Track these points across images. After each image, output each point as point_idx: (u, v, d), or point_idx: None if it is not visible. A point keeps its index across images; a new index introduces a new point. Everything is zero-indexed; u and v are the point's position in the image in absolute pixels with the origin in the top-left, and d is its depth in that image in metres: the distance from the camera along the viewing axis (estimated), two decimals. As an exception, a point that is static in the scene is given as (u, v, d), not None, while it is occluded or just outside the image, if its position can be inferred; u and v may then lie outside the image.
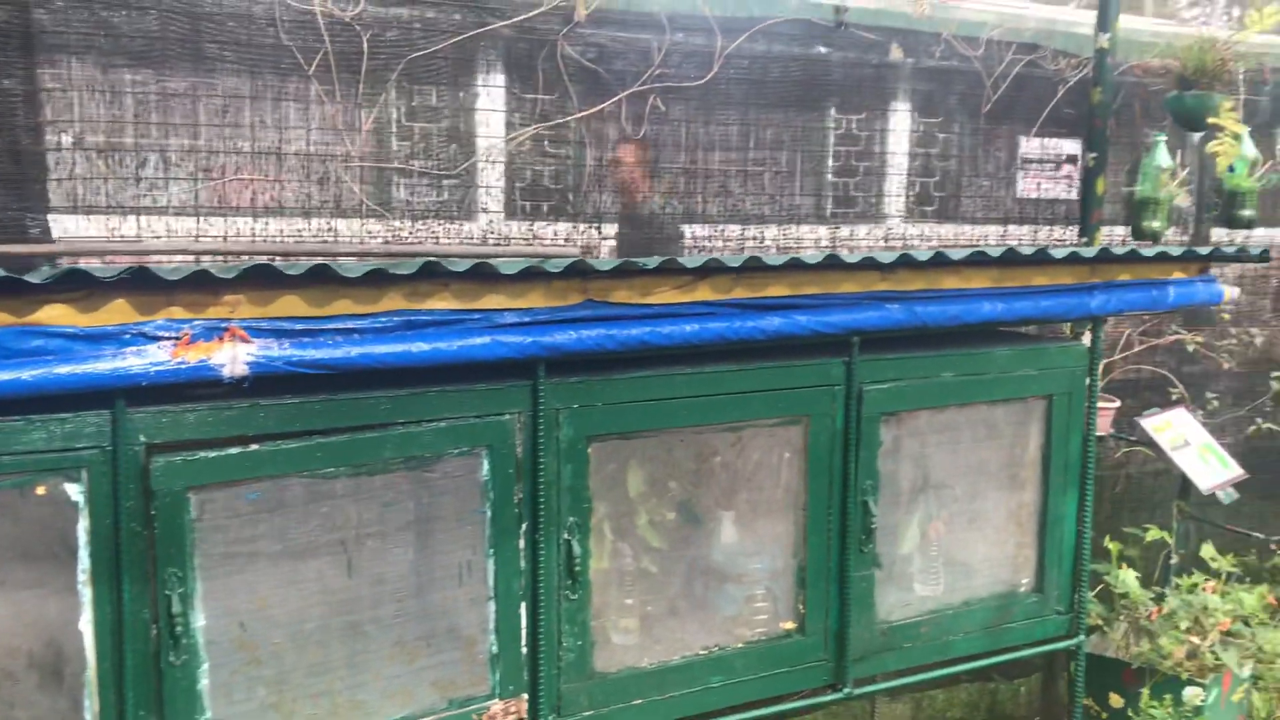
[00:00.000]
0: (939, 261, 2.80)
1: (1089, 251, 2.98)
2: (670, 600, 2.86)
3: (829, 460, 2.89)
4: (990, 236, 4.30)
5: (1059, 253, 2.92)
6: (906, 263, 2.78)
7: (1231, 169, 4.48)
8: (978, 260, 2.85)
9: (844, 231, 4.05)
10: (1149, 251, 3.07)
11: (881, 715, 4.11)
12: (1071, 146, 4.43)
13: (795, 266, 2.62)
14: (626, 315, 2.50)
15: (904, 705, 4.26)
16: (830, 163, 3.96)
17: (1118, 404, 4.19)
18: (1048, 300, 3.05)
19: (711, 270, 2.56)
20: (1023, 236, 4.39)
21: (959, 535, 3.23)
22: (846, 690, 2.97)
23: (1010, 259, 2.89)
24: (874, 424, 2.92)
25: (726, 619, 2.90)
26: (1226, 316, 4.50)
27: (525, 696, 2.57)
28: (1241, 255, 3.19)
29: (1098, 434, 4.13)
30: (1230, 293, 3.33)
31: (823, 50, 3.82)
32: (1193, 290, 3.26)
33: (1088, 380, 3.25)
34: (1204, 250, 3.14)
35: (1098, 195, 4.29)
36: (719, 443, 2.84)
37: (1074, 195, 4.40)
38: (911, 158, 4.18)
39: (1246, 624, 3.62)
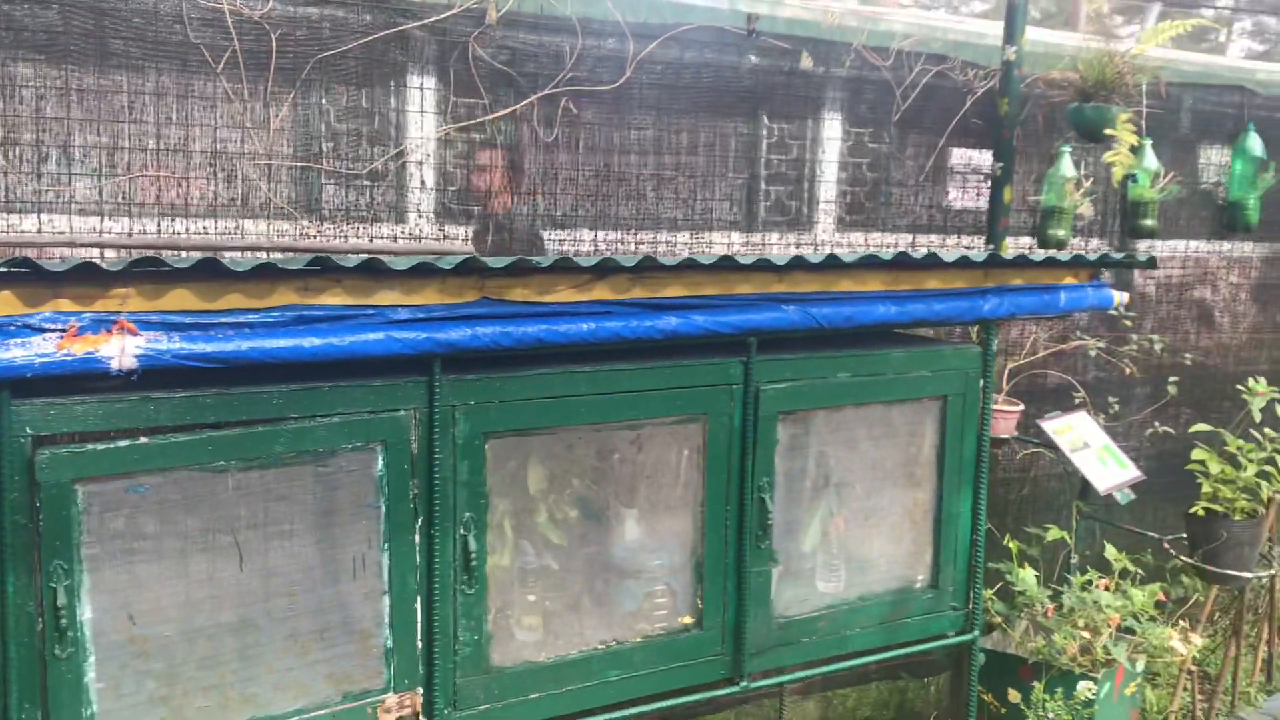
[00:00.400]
0: (832, 264, 2.88)
1: (978, 255, 3.07)
2: (570, 596, 2.90)
3: (727, 458, 2.95)
4: (918, 244, 4.41)
5: (949, 256, 3.01)
6: (801, 265, 2.85)
7: (1134, 179, 4.64)
8: (870, 263, 2.94)
9: (761, 238, 4.13)
10: (1037, 256, 3.18)
11: (791, 715, 4.18)
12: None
13: (690, 267, 2.68)
14: (523, 313, 2.55)
15: (813, 705, 4.34)
16: (733, 169, 4.03)
17: (1022, 408, 4.30)
18: (941, 303, 3.14)
19: (609, 270, 2.61)
20: (935, 243, 4.50)
21: (858, 532, 3.31)
22: (744, 684, 3.03)
23: (902, 262, 2.97)
24: (771, 423, 2.99)
25: (626, 614, 2.95)
26: (1129, 324, 4.64)
27: (420, 690, 2.60)
28: (1128, 260, 3.31)
29: (1002, 436, 4.26)
30: (1119, 298, 3.45)
31: (734, 58, 3.89)
32: (1083, 295, 3.37)
33: (981, 382, 3.34)
34: (1092, 256, 3.25)
35: (1004, 204, 4.41)
36: (618, 440, 2.89)
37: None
38: (828, 165, 4.27)
39: (1138, 620, 3.74)
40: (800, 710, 4.26)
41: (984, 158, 4.51)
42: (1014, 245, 4.57)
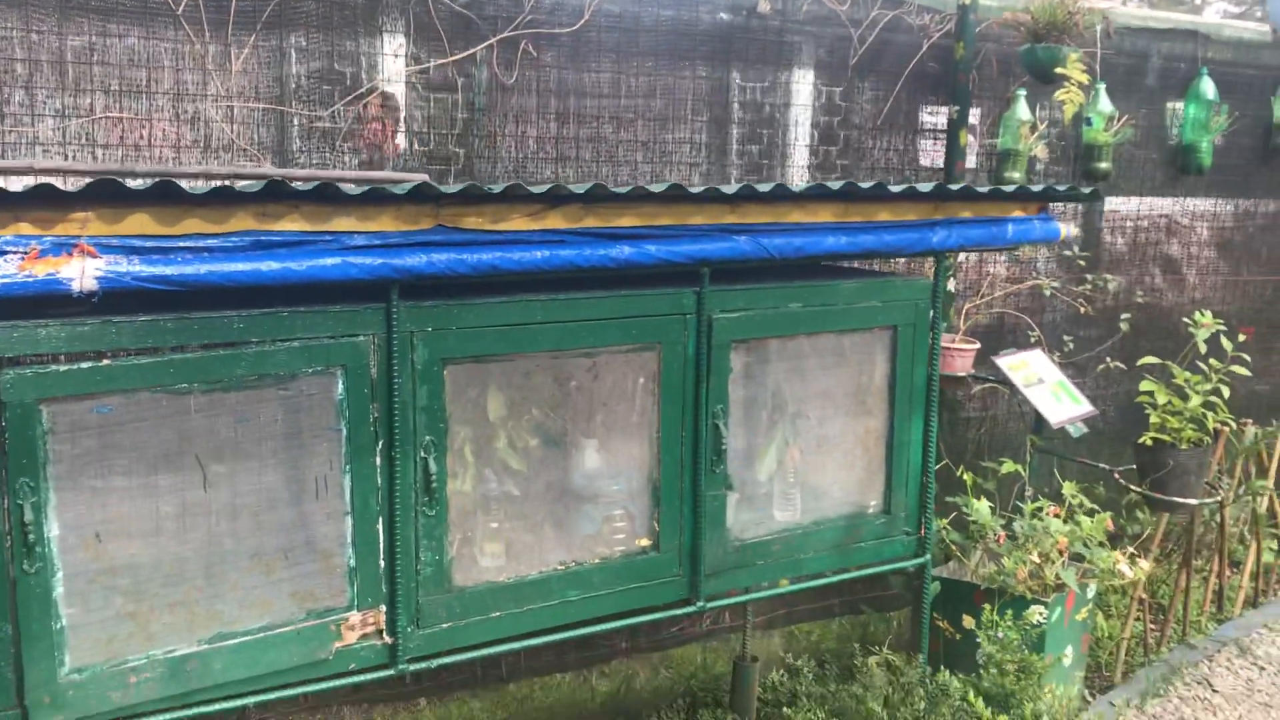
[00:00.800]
0: (782, 195, 2.95)
1: (925, 186, 3.15)
2: (531, 520, 2.98)
3: (681, 386, 3.03)
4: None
5: (896, 188, 3.09)
6: (751, 195, 2.92)
7: (1089, 123, 4.73)
8: (820, 194, 3.01)
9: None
10: (983, 188, 3.26)
11: (756, 648, 4.28)
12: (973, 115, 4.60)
13: (642, 197, 2.75)
14: (477, 241, 2.61)
15: (777, 638, 4.45)
16: (693, 114, 4.09)
17: (978, 346, 4.40)
18: (892, 235, 3.22)
19: (561, 199, 2.68)
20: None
21: (812, 460, 3.40)
22: (700, 604, 3.13)
23: (850, 193, 3.05)
24: (724, 352, 3.07)
25: (585, 537, 3.04)
26: (1082, 264, 4.74)
27: (383, 608, 2.68)
28: (1072, 194, 3.39)
29: (959, 374, 4.36)
30: (1066, 230, 3.53)
31: (687, 6, 3.94)
32: (1030, 228, 3.46)
33: (931, 313, 3.43)
34: (1037, 188, 3.33)
35: (960, 147, 4.50)
36: (576, 369, 2.97)
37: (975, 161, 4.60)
38: (793, 112, 4.34)
39: (1088, 547, 3.85)
40: (764, 644, 4.37)
41: (971, 117, 4.58)
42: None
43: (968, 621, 3.83)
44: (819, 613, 4.55)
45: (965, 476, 4.08)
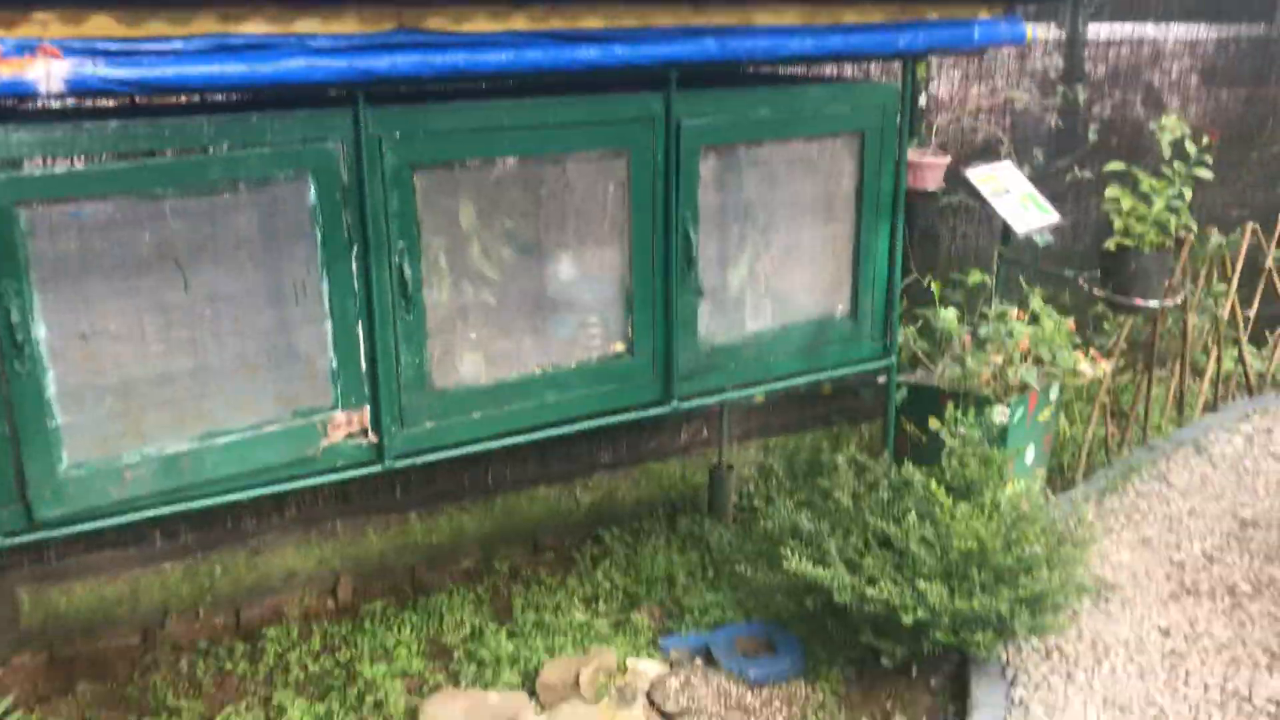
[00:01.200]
0: (745, -7, 2.94)
1: (891, -16, 3.14)
2: (507, 327, 3.06)
3: (651, 192, 3.08)
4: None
5: (860, -14, 3.08)
6: (715, -5, 2.91)
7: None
8: (780, -7, 3.00)
9: None
10: (949, -13, 3.25)
11: (733, 460, 4.45)
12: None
13: (602, -6, 2.74)
14: (441, 42, 2.61)
15: (754, 450, 4.62)
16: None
17: (949, 159, 4.43)
18: (858, 36, 3.22)
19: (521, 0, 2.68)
20: None
21: (782, 267, 3.48)
22: (674, 404, 3.25)
23: (815, -8, 3.04)
24: (693, 157, 3.11)
25: (562, 342, 3.13)
26: (1051, 76, 4.74)
27: (367, 408, 2.79)
28: (1039, -7, 3.39)
29: (930, 189, 4.41)
30: (1032, 32, 3.54)
31: None
32: (996, 29, 3.46)
33: (899, 118, 3.46)
34: (1004, -13, 3.33)
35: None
36: (545, 175, 3.00)
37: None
38: None
39: (1050, 350, 3.97)
40: (741, 456, 4.53)
41: None
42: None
43: (934, 424, 3.97)
44: (792, 425, 4.70)
45: (934, 286, 4.17)
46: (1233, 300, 4.99)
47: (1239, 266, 5.00)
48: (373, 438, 2.81)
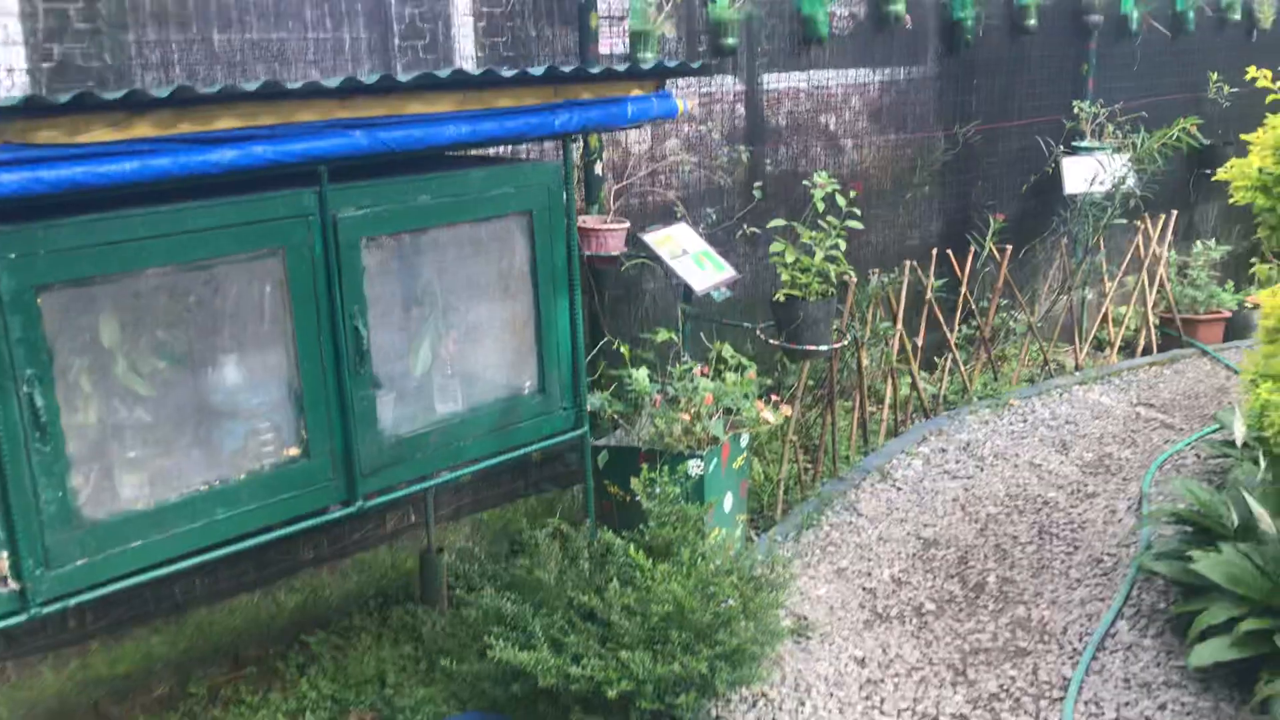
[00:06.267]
0: (389, 86, 2.92)
1: (538, 70, 3.20)
2: (167, 443, 2.88)
3: (313, 289, 2.98)
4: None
5: (508, 72, 3.12)
6: (358, 88, 2.87)
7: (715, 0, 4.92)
8: (431, 83, 3.00)
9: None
10: (595, 69, 3.35)
11: (445, 539, 4.37)
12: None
13: (233, 96, 2.65)
14: (54, 156, 2.44)
15: (466, 526, 4.55)
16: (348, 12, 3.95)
17: (628, 225, 4.56)
18: (513, 120, 3.26)
19: (144, 104, 2.54)
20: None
21: (466, 349, 3.46)
22: (359, 504, 3.15)
23: (461, 81, 3.06)
24: (354, 250, 3.04)
25: (230, 453, 2.97)
26: (717, 136, 4.98)
27: (4, 553, 2.54)
28: (681, 69, 3.55)
29: (612, 253, 4.52)
30: (684, 106, 3.70)
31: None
32: (649, 105, 3.59)
33: (564, 194, 3.53)
34: (647, 66, 3.46)
35: (591, 29, 4.58)
36: (194, 283, 2.86)
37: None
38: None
39: (741, 400, 4.14)
40: (453, 534, 4.46)
41: (624, 3, 4.64)
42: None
43: (635, 484, 4.05)
44: (503, 496, 4.67)
45: (624, 349, 4.26)
46: (900, 333, 5.38)
47: (902, 302, 5.40)
48: (14, 585, 2.56)
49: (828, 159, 5.70)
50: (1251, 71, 3.78)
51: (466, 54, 4.34)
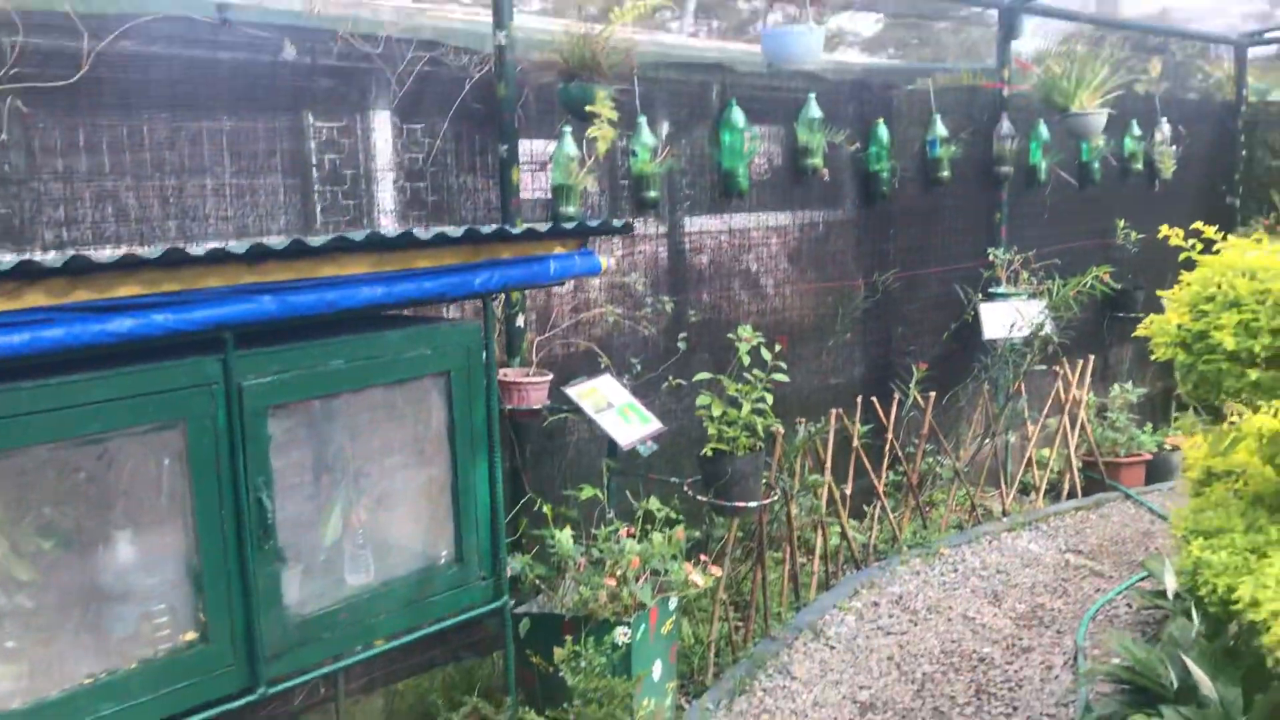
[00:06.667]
0: (301, 251, 2.83)
1: (456, 231, 3.14)
2: (49, 632, 2.66)
3: (214, 461, 2.82)
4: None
5: (426, 235, 3.05)
6: (266, 254, 2.77)
7: (635, 154, 4.95)
8: (344, 247, 2.91)
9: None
10: (516, 229, 3.30)
11: (360, 713, 4.11)
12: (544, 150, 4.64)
13: (133, 264, 2.53)
14: (-68, 330, 2.29)
15: (380, 699, 4.29)
16: (231, 164, 3.87)
17: (550, 377, 4.47)
18: (432, 281, 3.18)
19: (36, 273, 2.41)
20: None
21: (379, 518, 3.29)
22: (262, 690, 2.93)
23: (377, 243, 2.98)
24: (260, 420, 2.89)
25: (120, 640, 2.75)
26: (641, 288, 4.95)
27: None
28: (604, 228, 3.51)
29: (535, 407, 4.41)
30: (607, 263, 3.66)
31: (206, 50, 3.72)
32: (571, 263, 3.55)
33: (484, 354, 3.43)
34: (570, 225, 3.42)
35: (513, 184, 4.56)
36: (85, 458, 2.68)
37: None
38: (380, 153, 4.23)
39: (668, 561, 4.00)
40: (368, 708, 4.20)
41: (548, 147, 4.64)
42: (528, 225, 4.74)
43: (559, 654, 3.86)
44: (419, 667, 4.43)
45: (547, 509, 4.12)
46: (829, 483, 5.31)
47: (830, 451, 5.35)
48: None
49: (753, 304, 5.70)
50: (1164, 230, 3.87)
51: (386, 207, 4.28)
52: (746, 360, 4.34)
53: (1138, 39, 8.51)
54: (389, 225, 4.29)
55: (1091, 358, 6.98)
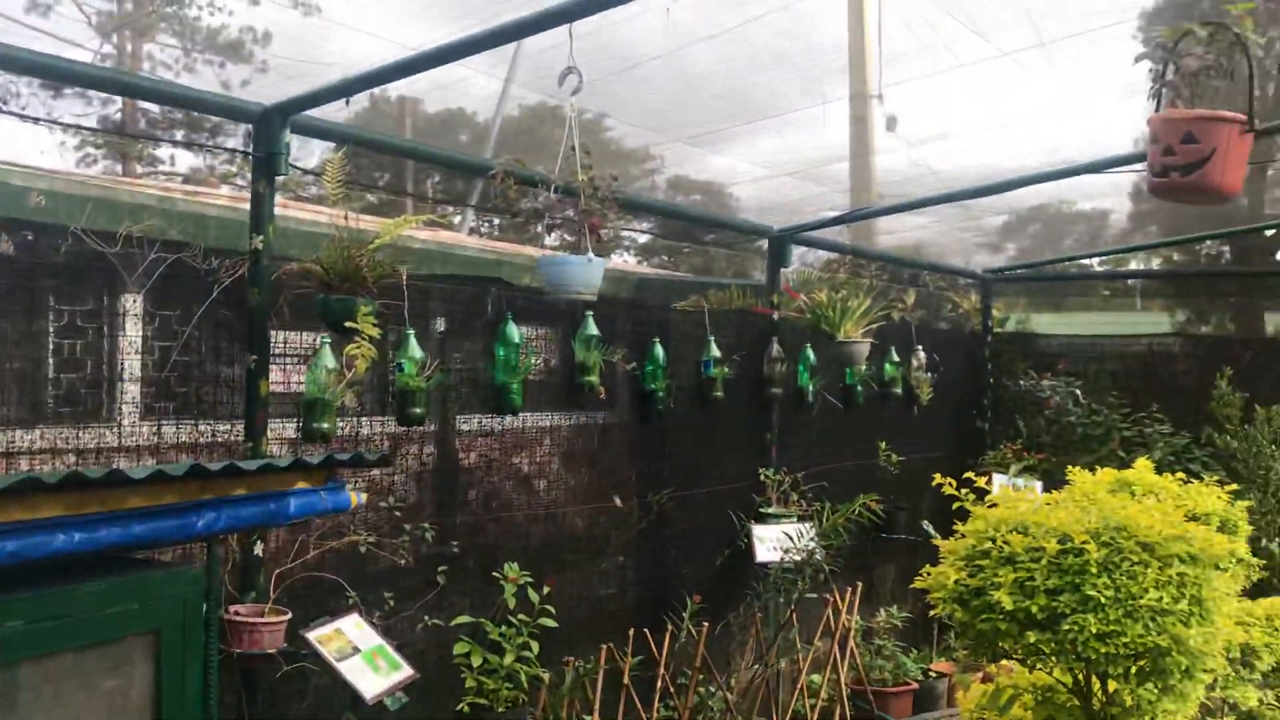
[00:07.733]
0: (-27, 494, 2.34)
1: (178, 469, 2.72)
2: None
3: None
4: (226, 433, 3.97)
5: (139, 473, 2.62)
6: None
7: (401, 368, 4.63)
8: (31, 488, 2.44)
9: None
10: (251, 465, 2.90)
11: None
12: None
13: None
14: None
15: None
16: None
17: (289, 616, 3.98)
18: (143, 524, 2.73)
19: None
20: (238, 432, 4.10)
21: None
22: None
23: (78, 483, 2.52)
24: (-101, 702, 2.32)
25: None
26: (398, 514, 4.56)
27: None
28: (359, 460, 3.17)
29: (269, 651, 3.89)
30: (358, 498, 3.29)
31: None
32: (317, 500, 3.16)
33: (205, 606, 2.95)
34: (315, 459, 3.05)
35: (262, 397, 4.16)
36: None
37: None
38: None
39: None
40: None
41: (307, 339, 4.27)
42: (277, 440, 4.32)
43: None
44: None
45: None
46: (598, 724, 4.93)
47: (599, 690, 4.98)
48: None
49: (524, 525, 5.36)
50: (938, 478, 3.84)
51: (128, 425, 3.81)
52: (513, 603, 3.99)
53: (894, 270, 8.97)
54: (132, 420, 3.83)
55: (859, 584, 6.96)
